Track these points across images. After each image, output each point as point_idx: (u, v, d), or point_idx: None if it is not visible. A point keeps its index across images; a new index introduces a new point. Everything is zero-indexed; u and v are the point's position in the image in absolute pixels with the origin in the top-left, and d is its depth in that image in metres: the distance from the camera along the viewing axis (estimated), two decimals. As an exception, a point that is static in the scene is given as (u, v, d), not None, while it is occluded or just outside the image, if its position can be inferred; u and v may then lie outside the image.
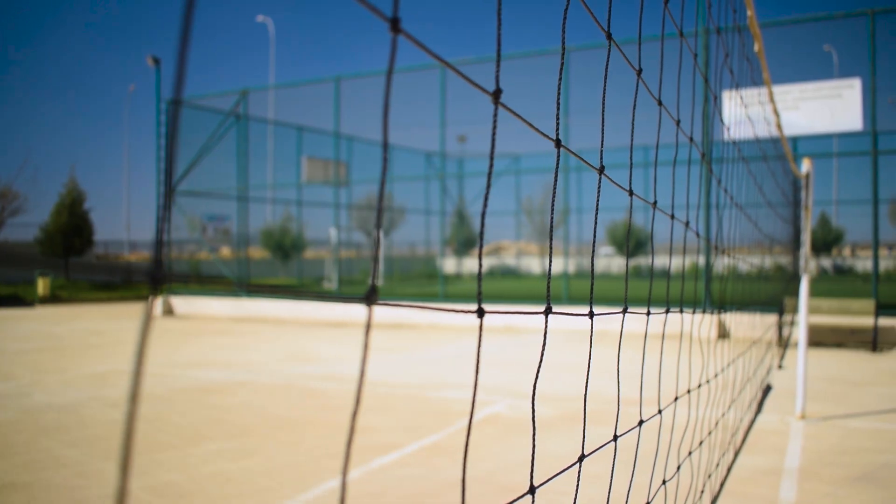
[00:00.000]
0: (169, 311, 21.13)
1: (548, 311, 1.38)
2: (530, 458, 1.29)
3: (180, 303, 21.19)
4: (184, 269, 25.37)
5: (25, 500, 4.60)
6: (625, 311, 1.87)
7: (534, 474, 1.41)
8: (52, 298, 25.68)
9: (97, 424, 6.73)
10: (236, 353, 12.16)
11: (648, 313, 2.02)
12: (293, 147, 24.78)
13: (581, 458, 1.55)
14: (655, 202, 2.10)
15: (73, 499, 4.63)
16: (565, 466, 1.54)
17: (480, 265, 1.13)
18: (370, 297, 0.80)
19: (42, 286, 25.63)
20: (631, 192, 1.93)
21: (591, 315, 1.53)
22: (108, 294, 28.08)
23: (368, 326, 0.81)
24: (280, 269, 33.82)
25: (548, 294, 1.38)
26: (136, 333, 15.58)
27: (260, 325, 17.69)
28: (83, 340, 13.97)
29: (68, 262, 31.10)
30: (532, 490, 1.33)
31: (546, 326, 1.39)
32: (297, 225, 29.51)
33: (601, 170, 1.74)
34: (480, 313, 1.11)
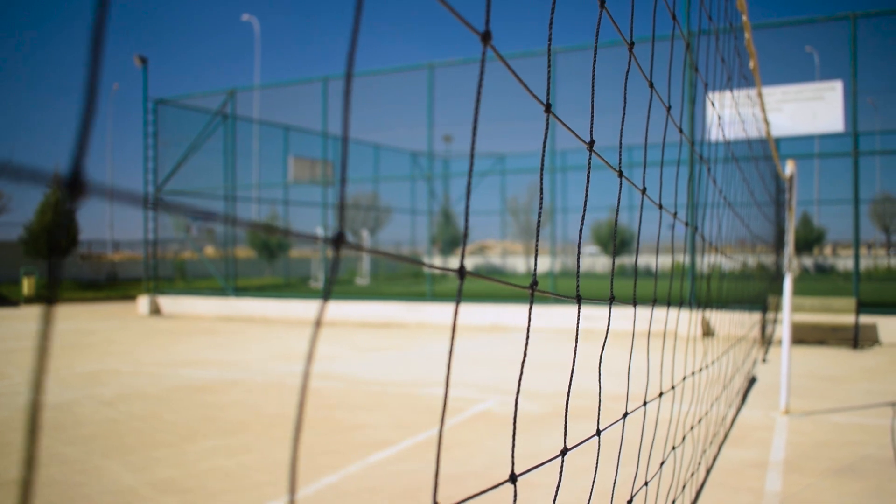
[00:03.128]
0: (156, 311, 21.13)
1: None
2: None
3: (167, 302, 21.19)
4: (169, 269, 25.32)
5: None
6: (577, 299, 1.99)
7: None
8: (37, 298, 25.60)
9: (93, 423, 6.80)
10: (226, 352, 12.22)
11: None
12: (280, 147, 24.81)
13: (510, 479, 1.67)
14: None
15: (77, 495, 4.71)
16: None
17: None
18: (461, 271, 0.92)
19: (27, 286, 25.55)
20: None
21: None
22: (94, 294, 28.01)
23: (458, 299, 0.91)
24: (266, 268, 33.81)
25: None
26: (126, 333, 15.59)
27: (247, 325, 17.74)
28: (73, 340, 13.98)
29: (51, 261, 30.94)
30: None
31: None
32: (284, 224, 29.53)
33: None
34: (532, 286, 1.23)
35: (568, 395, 1.52)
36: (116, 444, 5.99)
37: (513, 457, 1.35)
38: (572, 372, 1.57)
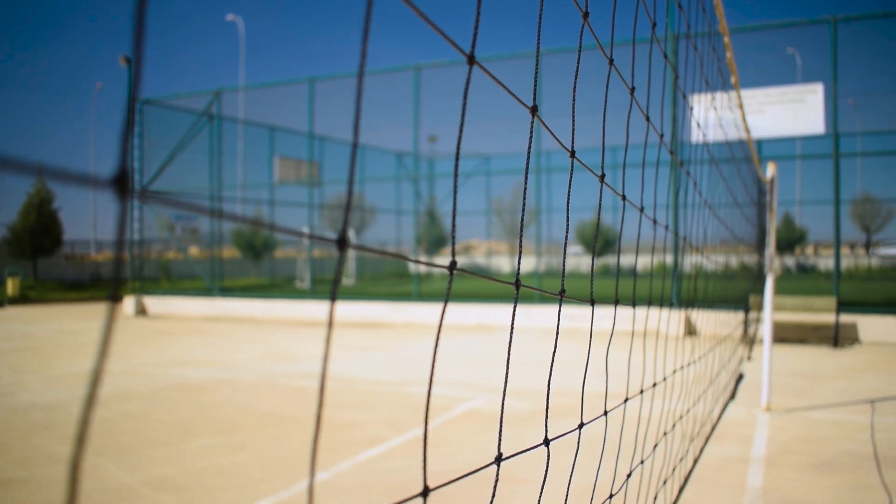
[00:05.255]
0: (142, 311, 21.11)
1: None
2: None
3: (153, 302, 21.18)
4: (153, 269, 25.28)
5: (26, 495, 4.75)
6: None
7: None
8: (22, 299, 25.50)
9: (86, 422, 6.85)
10: (215, 352, 12.28)
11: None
12: (265, 147, 24.82)
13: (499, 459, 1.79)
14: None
15: (73, 492, 4.79)
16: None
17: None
18: (517, 283, 1.01)
19: (11, 286, 25.44)
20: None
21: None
22: (78, 294, 27.92)
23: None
24: (251, 268, 33.79)
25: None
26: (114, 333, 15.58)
27: (234, 325, 17.77)
28: (60, 340, 13.99)
29: (36, 261, 30.84)
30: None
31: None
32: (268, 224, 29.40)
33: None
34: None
35: (584, 391, 1.63)
36: (111, 443, 6.06)
37: (546, 424, 1.45)
38: (587, 365, 1.69)
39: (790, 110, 14.20)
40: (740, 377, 8.70)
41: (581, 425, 1.60)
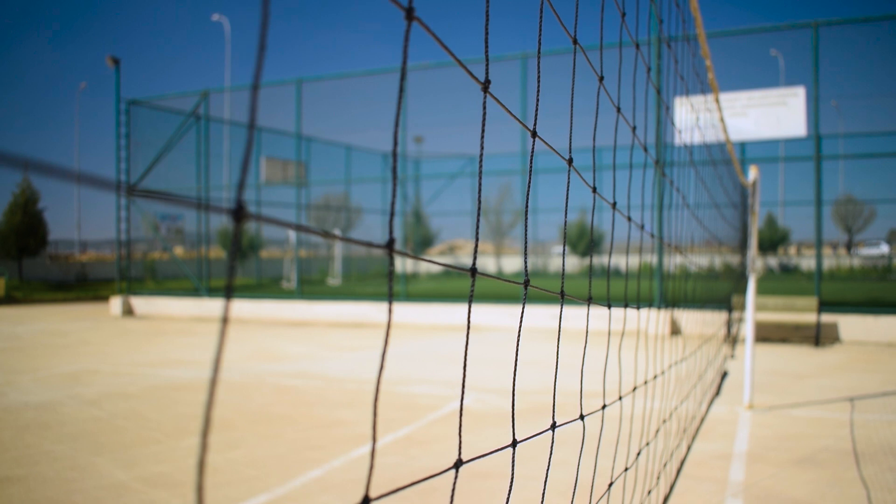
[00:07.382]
0: (129, 312, 21.10)
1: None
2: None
3: (140, 303, 21.17)
4: (139, 269, 25.24)
5: (24, 493, 4.83)
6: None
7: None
8: (8, 299, 25.41)
9: (79, 421, 6.93)
10: (204, 351, 12.34)
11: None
12: (253, 147, 24.82)
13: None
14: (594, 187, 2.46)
15: (71, 490, 4.87)
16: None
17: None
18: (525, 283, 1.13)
19: (-3, 287, 25.36)
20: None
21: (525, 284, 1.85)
22: (64, 294, 27.84)
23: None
24: (237, 268, 33.70)
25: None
26: (102, 333, 15.61)
27: (222, 325, 17.79)
28: (49, 341, 14.00)
29: (21, 262, 30.73)
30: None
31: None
32: (255, 225, 29.45)
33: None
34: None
35: (610, 387, 1.75)
36: (104, 442, 6.14)
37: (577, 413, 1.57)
38: (621, 362, 1.81)
39: (773, 113, 14.40)
40: (724, 375, 8.87)
41: (598, 411, 1.71)
